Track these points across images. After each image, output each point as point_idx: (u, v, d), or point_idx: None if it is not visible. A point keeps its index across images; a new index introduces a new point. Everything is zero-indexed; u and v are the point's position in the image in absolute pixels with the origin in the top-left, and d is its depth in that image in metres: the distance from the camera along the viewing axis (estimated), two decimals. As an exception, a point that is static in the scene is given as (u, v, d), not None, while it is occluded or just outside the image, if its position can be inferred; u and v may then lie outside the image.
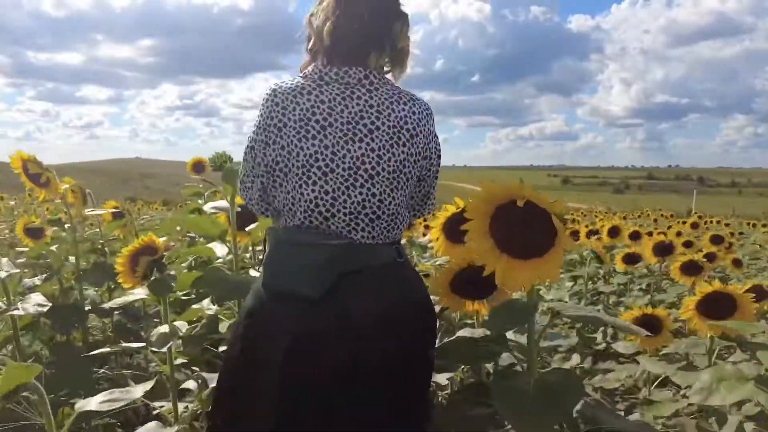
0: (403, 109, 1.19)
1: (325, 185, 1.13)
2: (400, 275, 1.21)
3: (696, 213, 13.01)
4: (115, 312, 2.14)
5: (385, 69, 1.27)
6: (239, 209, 1.84)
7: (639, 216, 13.05)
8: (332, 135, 1.14)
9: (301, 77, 1.20)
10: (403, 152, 1.17)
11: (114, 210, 2.60)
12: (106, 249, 2.44)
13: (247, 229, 1.82)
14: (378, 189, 1.15)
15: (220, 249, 1.79)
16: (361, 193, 1.14)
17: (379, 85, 1.20)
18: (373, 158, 1.14)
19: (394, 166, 1.16)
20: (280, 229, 1.21)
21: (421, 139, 1.20)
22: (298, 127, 1.14)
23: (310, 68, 1.22)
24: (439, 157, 1.29)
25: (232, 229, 1.77)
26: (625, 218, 10.95)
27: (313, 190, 1.13)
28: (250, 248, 2.41)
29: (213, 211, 1.81)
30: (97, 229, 2.45)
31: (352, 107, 1.16)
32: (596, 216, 12.74)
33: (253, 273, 1.76)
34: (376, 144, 1.15)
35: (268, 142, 1.17)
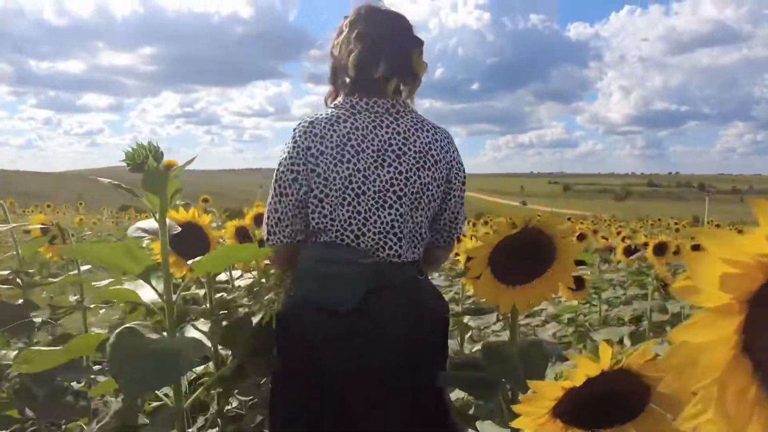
0: (427, 136, 1.30)
1: (357, 206, 1.23)
2: (421, 291, 1.30)
3: (711, 221, 12.31)
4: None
5: (403, 95, 1.33)
6: (180, 229, 1.22)
7: (653, 225, 12.25)
8: (364, 160, 1.24)
9: (333, 107, 1.30)
10: (428, 176, 1.27)
11: (41, 226, 1.98)
12: (20, 279, 1.81)
13: (190, 263, 1.19)
14: (404, 209, 1.25)
15: (145, 292, 1.17)
16: (390, 214, 1.24)
17: (405, 113, 1.31)
18: (401, 180, 1.24)
19: (418, 187, 1.26)
20: (313, 246, 1.29)
21: (443, 165, 1.30)
22: (335, 153, 1.23)
23: (340, 99, 1.31)
24: (463, 182, 1.37)
25: (163, 262, 1.14)
26: (637, 227, 10.26)
27: (347, 211, 1.23)
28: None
29: (138, 235, 1.19)
30: (14, 252, 1.82)
31: (382, 135, 1.26)
32: (612, 225, 11.98)
33: (193, 334, 1.14)
34: (404, 167, 1.25)
35: (311, 169, 1.25)
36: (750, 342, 0.31)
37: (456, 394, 1.72)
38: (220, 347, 1.53)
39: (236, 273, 1.88)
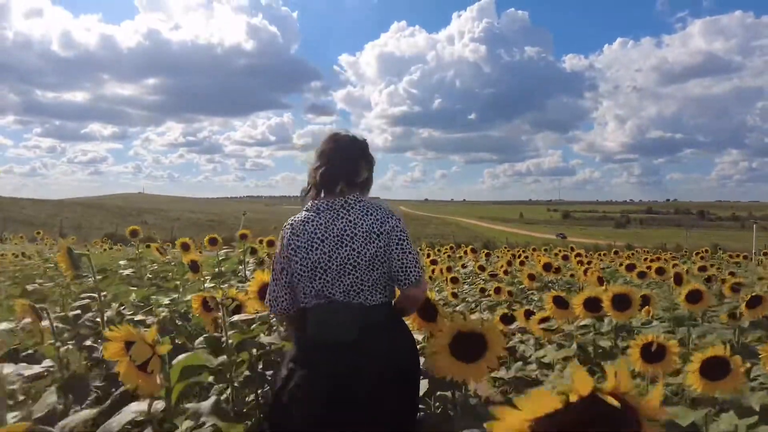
0: (370, 219, 1.87)
1: (325, 277, 1.84)
2: (394, 331, 1.92)
3: (761, 251, 11.46)
4: None
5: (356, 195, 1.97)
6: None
7: (702, 257, 10.87)
8: (328, 245, 1.84)
9: (306, 210, 1.94)
10: (374, 247, 1.84)
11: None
12: None
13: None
14: (359, 273, 1.83)
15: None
16: (349, 279, 1.83)
17: (354, 204, 1.90)
18: (354, 255, 1.83)
19: (369, 257, 1.83)
20: (305, 309, 1.90)
21: (384, 236, 1.86)
22: (307, 245, 1.86)
23: (309, 203, 1.95)
24: (399, 239, 1.88)
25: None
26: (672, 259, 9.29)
27: (319, 282, 1.84)
28: None
29: None
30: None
31: (339, 225, 1.86)
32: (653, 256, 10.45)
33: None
34: (356, 245, 1.83)
35: (291, 260, 1.89)
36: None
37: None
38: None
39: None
